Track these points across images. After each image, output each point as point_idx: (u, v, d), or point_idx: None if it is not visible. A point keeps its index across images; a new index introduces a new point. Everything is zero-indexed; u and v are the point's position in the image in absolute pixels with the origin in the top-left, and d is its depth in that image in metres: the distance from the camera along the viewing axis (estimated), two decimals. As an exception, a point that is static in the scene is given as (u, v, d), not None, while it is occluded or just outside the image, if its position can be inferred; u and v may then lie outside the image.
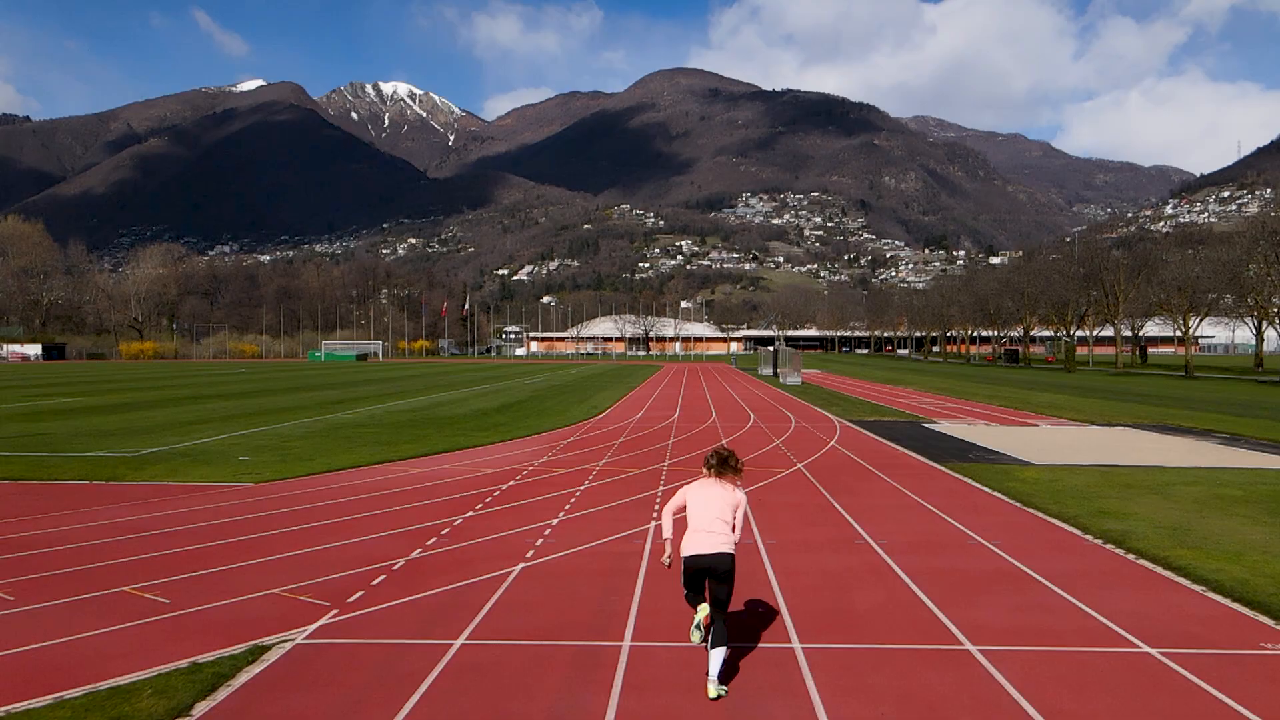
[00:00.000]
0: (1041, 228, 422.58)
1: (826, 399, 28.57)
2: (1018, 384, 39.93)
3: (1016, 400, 28.01)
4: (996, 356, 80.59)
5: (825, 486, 10.90)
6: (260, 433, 17.12)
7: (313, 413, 22.02)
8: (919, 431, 18.15)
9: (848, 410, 23.63)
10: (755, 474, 11.93)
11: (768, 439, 16.65)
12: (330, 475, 11.77)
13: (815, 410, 23.86)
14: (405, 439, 16.09)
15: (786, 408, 24.83)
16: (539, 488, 10.81)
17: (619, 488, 10.86)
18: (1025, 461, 13.17)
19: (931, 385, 38.53)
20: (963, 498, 10.07)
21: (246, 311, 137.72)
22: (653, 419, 21.11)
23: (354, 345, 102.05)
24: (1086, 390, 34.38)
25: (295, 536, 8.00)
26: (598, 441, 16.12)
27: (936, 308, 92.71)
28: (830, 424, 19.78)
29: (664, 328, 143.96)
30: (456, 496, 10.18)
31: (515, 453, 14.44)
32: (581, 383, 40.45)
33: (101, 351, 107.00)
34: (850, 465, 12.92)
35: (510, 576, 6.64)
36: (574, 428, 18.84)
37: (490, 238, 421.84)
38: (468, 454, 14.22)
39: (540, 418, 21.09)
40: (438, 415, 21.46)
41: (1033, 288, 61.64)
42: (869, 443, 15.98)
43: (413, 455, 13.87)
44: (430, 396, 29.24)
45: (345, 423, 19.24)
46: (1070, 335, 59.13)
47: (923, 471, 12.23)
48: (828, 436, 17.11)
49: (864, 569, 6.88)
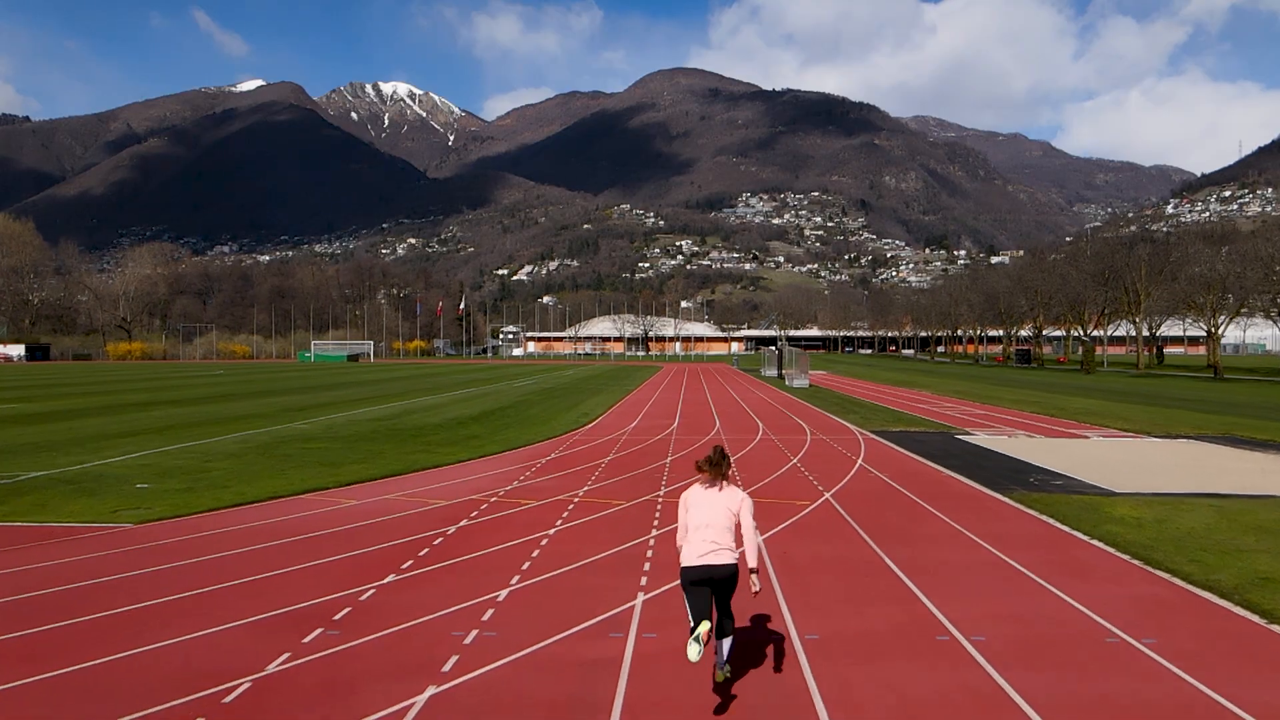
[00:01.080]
0: (1042, 227, 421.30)
1: (840, 404, 26.10)
2: (1039, 386, 37.44)
3: (1048, 406, 25.53)
4: (1007, 357, 78.02)
5: (868, 529, 8.42)
6: (188, 449, 14.64)
7: (265, 422, 19.55)
8: (956, 446, 15.67)
9: (867, 418, 21.16)
10: (775, 510, 9.47)
11: (783, 456, 14.18)
12: (236, 511, 9.31)
13: (830, 418, 21.39)
14: (355, 457, 13.62)
15: (798, 415, 22.37)
16: (496, 532, 8.35)
17: (600, 531, 8.40)
18: (1105, 490, 10.69)
19: (947, 388, 36.06)
20: (1056, 549, 7.59)
21: (239, 311, 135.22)
22: (648, 429, 18.65)
23: (345, 346, 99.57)
24: (1118, 394, 31.89)
25: (118, 625, 5.55)
26: (582, 460, 13.65)
27: (944, 306, 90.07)
28: (851, 436, 17.31)
29: (664, 327, 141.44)
30: (383, 546, 7.71)
31: (481, 476, 11.98)
32: (575, 386, 37.99)
33: (88, 352, 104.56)
34: (891, 495, 10.44)
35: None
36: (558, 441, 16.37)
37: (490, 238, 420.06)
38: (424, 477, 11.76)
39: (521, 428, 18.62)
40: (405, 425, 18.99)
41: (1047, 285, 58.99)
42: (904, 462, 13.50)
43: (356, 480, 11.40)
44: (406, 402, 26.78)
45: (294, 436, 16.77)
46: (1087, 335, 56.57)
47: (985, 505, 9.75)
48: (852, 452, 14.64)
49: (966, 699, 4.41)
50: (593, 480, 11.57)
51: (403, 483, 11.32)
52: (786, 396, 30.38)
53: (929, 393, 33.05)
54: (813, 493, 10.55)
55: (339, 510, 9.41)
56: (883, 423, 20.06)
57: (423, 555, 7.40)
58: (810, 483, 11.35)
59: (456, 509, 9.49)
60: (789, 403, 27.18)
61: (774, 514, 9.16)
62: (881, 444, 15.91)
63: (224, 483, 11.01)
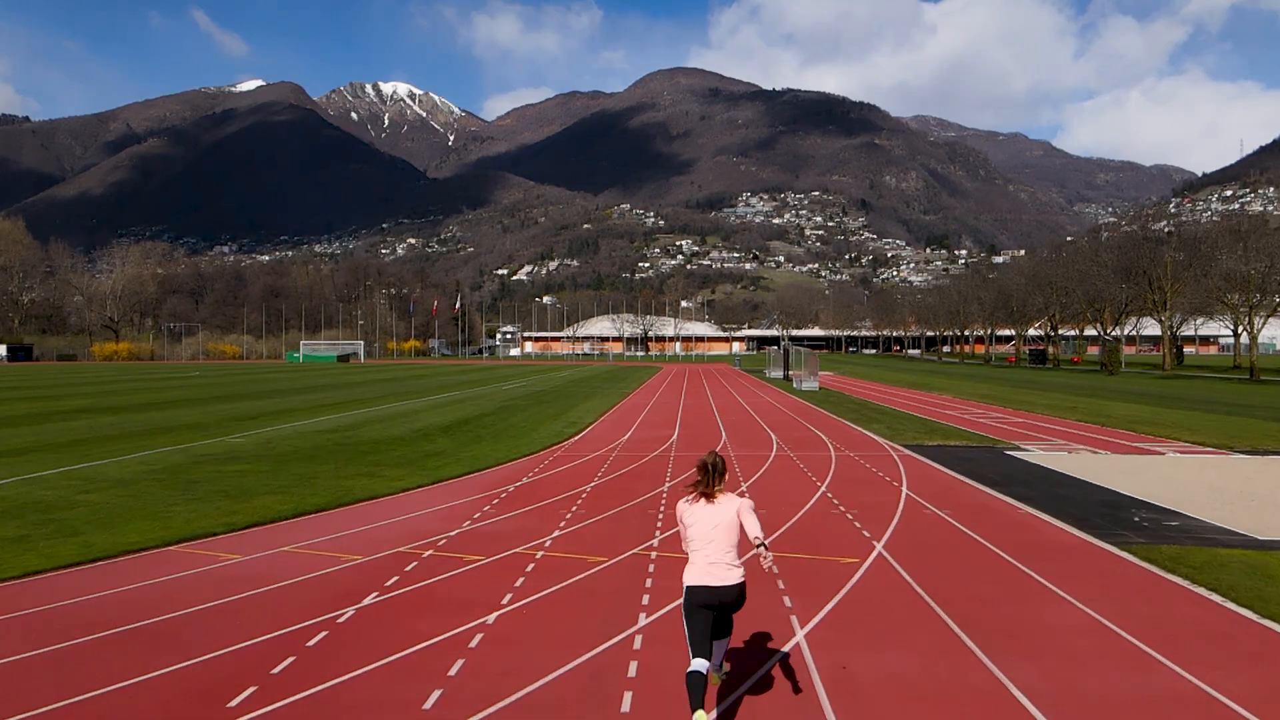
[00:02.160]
0: (1043, 227, 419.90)
1: (858, 411, 23.46)
2: (1066, 389, 34.76)
3: (1089, 412, 22.87)
4: (1019, 357, 75.30)
5: (957, 615, 5.75)
6: (72, 473, 12.00)
7: (196, 435, 16.90)
8: (1013, 466, 13.02)
9: (894, 428, 18.50)
10: (812, 572, 6.84)
11: (806, 482, 11.54)
12: (52, 579, 6.66)
13: (852, 428, 18.75)
14: (275, 485, 10.98)
15: (814, 424, 19.73)
16: (412, 616, 5.71)
17: (565, 614, 5.76)
18: (1245, 535, 8.04)
19: (967, 390, 33.40)
20: (1255, 658, 4.95)
21: (231, 311, 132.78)
22: (644, 443, 16.01)
23: (334, 346, 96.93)
24: (1158, 398, 29.22)
25: None
26: (560, 487, 11.01)
27: (952, 305, 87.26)
28: (882, 452, 14.67)
29: (663, 327, 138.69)
30: (228, 652, 5.06)
31: (426, 512, 9.35)
32: (567, 388, 35.34)
33: (73, 353, 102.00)
34: (966, 547, 7.77)
35: None
36: (535, 459, 13.74)
37: (490, 238, 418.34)
38: (351, 515, 9.13)
39: (495, 442, 15.98)
40: (359, 439, 16.33)
41: (1065, 281, 56.14)
42: (959, 490, 10.84)
43: (259, 520, 8.77)
44: (376, 408, 24.13)
45: (216, 454, 14.10)
46: (1106, 333, 53.83)
47: (1104, 567, 7.08)
48: (890, 475, 12.00)
49: None
50: (568, 519, 8.93)
51: (320, 524, 8.68)
52: (796, 401, 27.75)
53: (949, 396, 30.42)
54: (858, 542, 7.90)
55: (208, 573, 6.77)
56: (914, 434, 17.41)
57: (281, 670, 4.75)
58: (850, 524, 8.70)
59: (372, 571, 6.86)
60: (801, 409, 24.54)
61: (811, 581, 6.53)
62: (922, 463, 13.26)
63: (76, 528, 8.36)
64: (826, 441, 16.26)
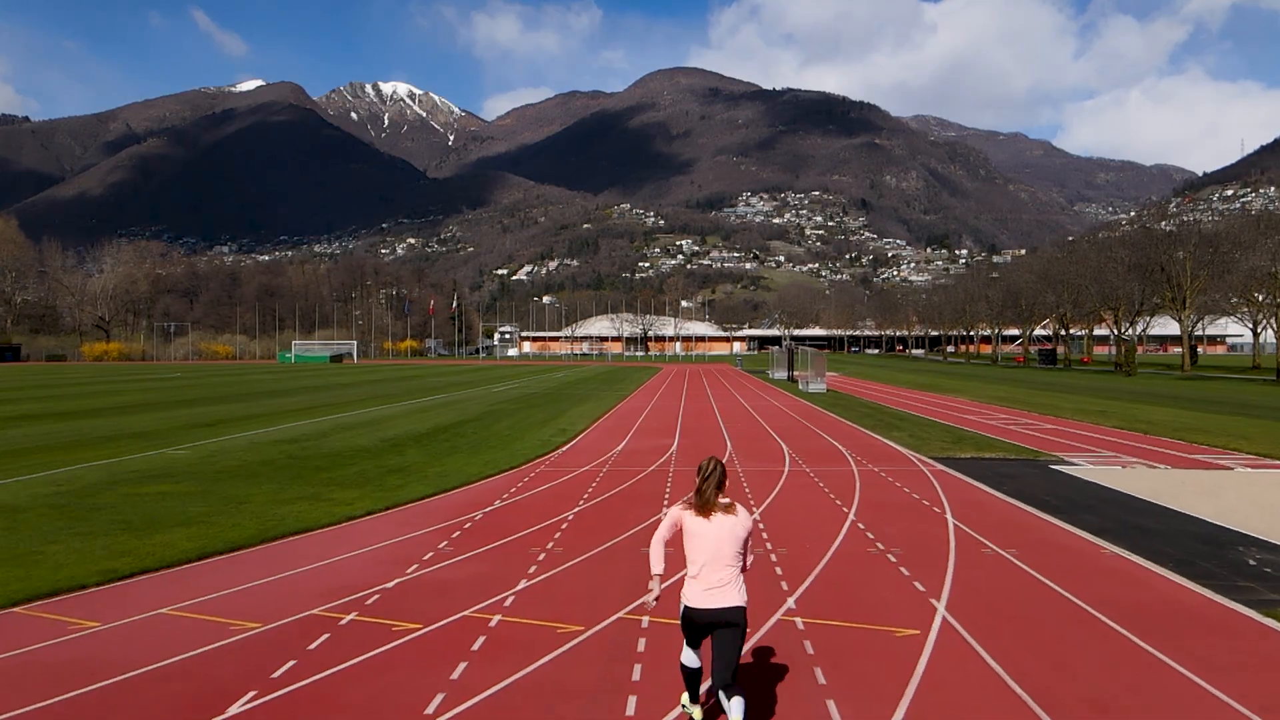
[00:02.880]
0: (1043, 227, 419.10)
1: (873, 416, 21.65)
2: (1088, 391, 32.93)
3: (1126, 418, 21.06)
4: (1028, 356, 73.41)
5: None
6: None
7: (135, 447, 15.10)
8: (1071, 486, 11.21)
9: (918, 437, 16.69)
10: (859, 647, 5.01)
11: (830, 507, 9.73)
12: None
13: (871, 437, 16.94)
14: (191, 513, 9.17)
15: (827, 431, 17.92)
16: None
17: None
18: None
19: (982, 393, 31.58)
20: None
21: (226, 311, 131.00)
22: (640, 454, 14.21)
23: (327, 346, 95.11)
24: (1191, 401, 27.40)
25: None
26: (535, 514, 9.21)
27: (958, 304, 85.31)
28: (910, 466, 12.87)
29: (663, 326, 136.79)
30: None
31: (365, 551, 7.56)
32: (561, 391, 33.54)
33: (62, 353, 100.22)
34: (1055, 611, 5.93)
35: None
36: (514, 475, 11.95)
37: (490, 238, 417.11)
38: (270, 556, 7.34)
39: (472, 454, 14.18)
40: (318, 450, 14.52)
41: (1078, 279, 54.21)
42: (1018, 521, 9.03)
43: (151, 566, 6.96)
44: (349, 414, 22.33)
45: (141, 472, 12.28)
46: (1121, 333, 51.97)
47: (1254, 644, 5.27)
48: (927, 498, 10.20)
49: None
50: (540, 562, 7.13)
51: (226, 570, 6.88)
52: (804, 404, 25.95)
53: (964, 399, 28.63)
54: (912, 601, 6.08)
55: (34, 655, 4.96)
56: (941, 444, 15.60)
57: None
58: (895, 571, 6.89)
59: (263, 650, 5.06)
60: (810, 413, 22.73)
61: (864, 666, 4.71)
62: (960, 481, 11.46)
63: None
64: (845, 453, 14.45)
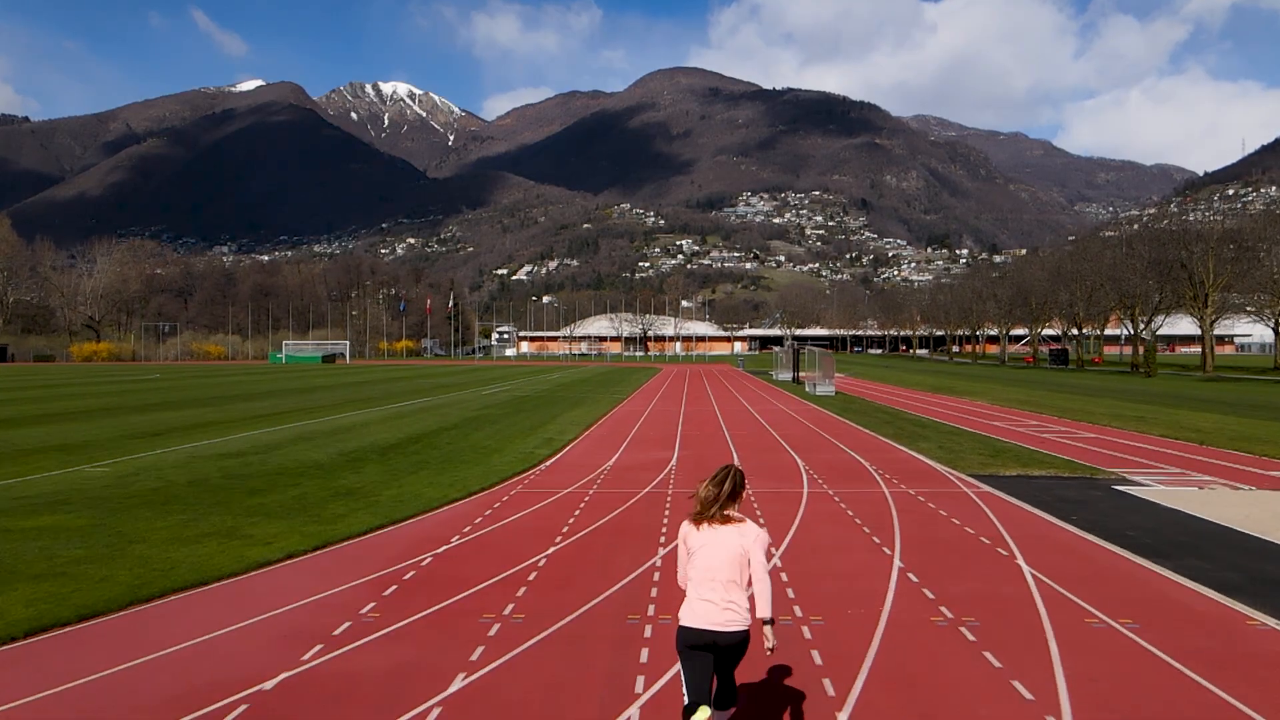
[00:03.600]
0: (1044, 226, 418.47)
1: (892, 423, 19.73)
2: (1115, 394, 31.01)
3: (1167, 424, 19.15)
4: (1037, 357, 71.44)
5: None
6: None
7: (49, 463, 13.16)
8: (1154, 516, 9.27)
9: (950, 449, 14.77)
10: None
11: (866, 546, 7.80)
12: None
13: (894, 448, 15.03)
14: (58, 562, 7.22)
15: (845, 441, 16.01)
16: None
17: None
18: None
19: (1000, 396, 29.67)
20: None
21: (220, 310, 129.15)
22: (634, 471, 12.31)
23: (319, 346, 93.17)
24: (1233, 406, 25.46)
25: None
26: (500, 557, 7.29)
27: (965, 303, 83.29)
28: (950, 486, 10.97)
29: (663, 326, 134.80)
30: None
31: (262, 618, 5.65)
32: (554, 394, 31.62)
33: (51, 354, 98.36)
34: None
35: None
36: (484, 498, 10.05)
37: (490, 237, 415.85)
38: (129, 628, 5.44)
39: (440, 470, 12.27)
40: (261, 467, 12.60)
41: (1093, 276, 52.21)
42: (1114, 569, 7.09)
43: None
44: (316, 421, 20.41)
45: (32, 498, 10.31)
46: (1139, 332, 50.02)
47: None
48: (985, 533, 8.28)
49: None
50: (488, 643, 5.21)
51: (59, 653, 4.97)
52: (814, 409, 24.03)
53: (983, 402, 26.74)
54: (1017, 715, 4.18)
55: None
56: (977, 457, 13.68)
57: None
58: (979, 657, 4.96)
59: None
60: (822, 420, 20.81)
61: None
62: (1017, 509, 9.55)
63: None
64: (871, 470, 12.54)
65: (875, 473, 12.26)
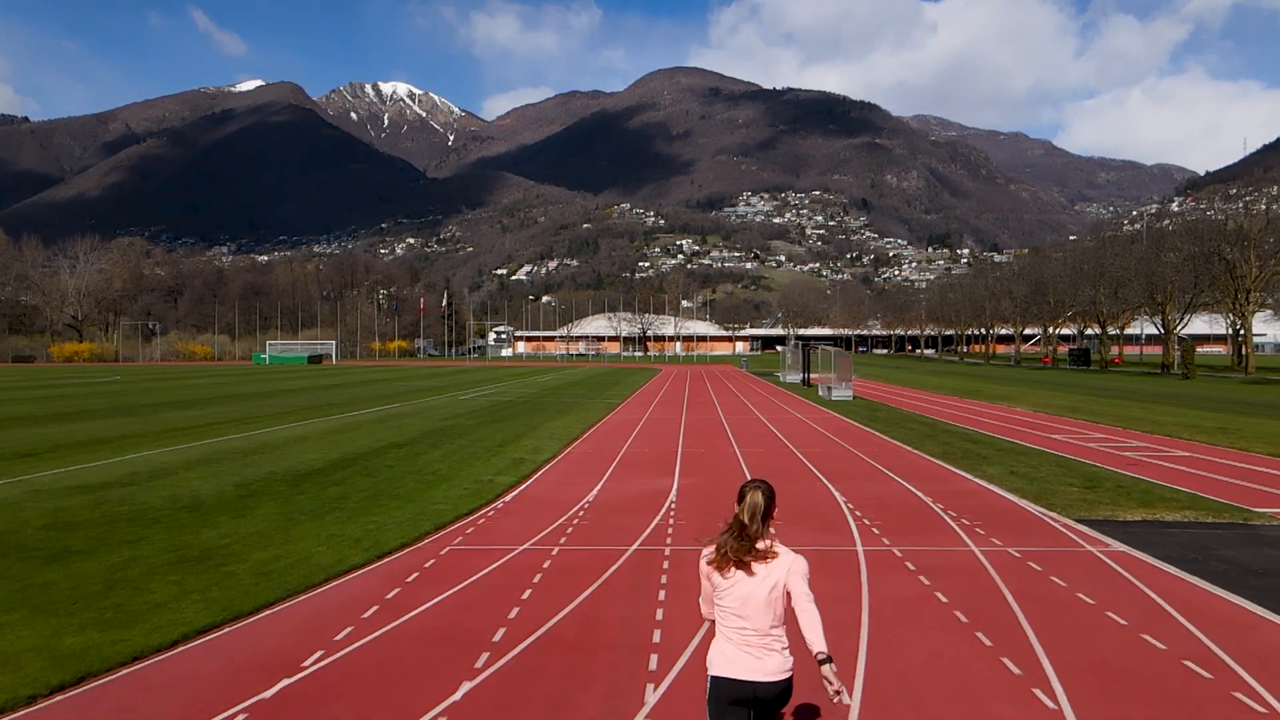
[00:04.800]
0: (1044, 226, 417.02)
1: (934, 436, 16.50)
2: (1162, 398, 27.77)
3: (1265, 438, 15.95)
4: (1057, 357, 68.13)
5: None
6: None
7: None
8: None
9: (1029, 478, 11.54)
10: None
11: (995, 678, 4.52)
12: None
13: (954, 473, 11.79)
14: None
15: (888, 464, 12.77)
16: None
17: None
18: None
19: (1043, 401, 26.41)
20: None
21: (209, 310, 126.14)
22: (619, 514, 9.04)
23: (305, 346, 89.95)
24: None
25: None
26: (378, 699, 4.06)
27: (978, 300, 79.98)
28: (1066, 543, 7.72)
29: (663, 326, 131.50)
30: None
31: None
32: (541, 400, 28.39)
33: (31, 354, 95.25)
34: None
35: None
36: (395, 565, 6.80)
37: (489, 237, 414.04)
38: None
39: (357, 513, 9.01)
40: (113, 511, 9.32)
41: (1121, 271, 48.83)
42: None
43: None
44: (245, 435, 17.19)
45: None
46: (1171, 331, 46.78)
47: None
48: (1169, 638, 5.03)
49: None
50: None
51: None
52: (836, 418, 20.80)
53: (1024, 409, 23.53)
54: None
55: None
56: (1072, 490, 10.45)
57: None
58: None
59: None
60: (850, 432, 17.57)
61: None
62: (1192, 588, 6.31)
63: None
64: (938, 511, 9.29)
65: (946, 515, 9.03)
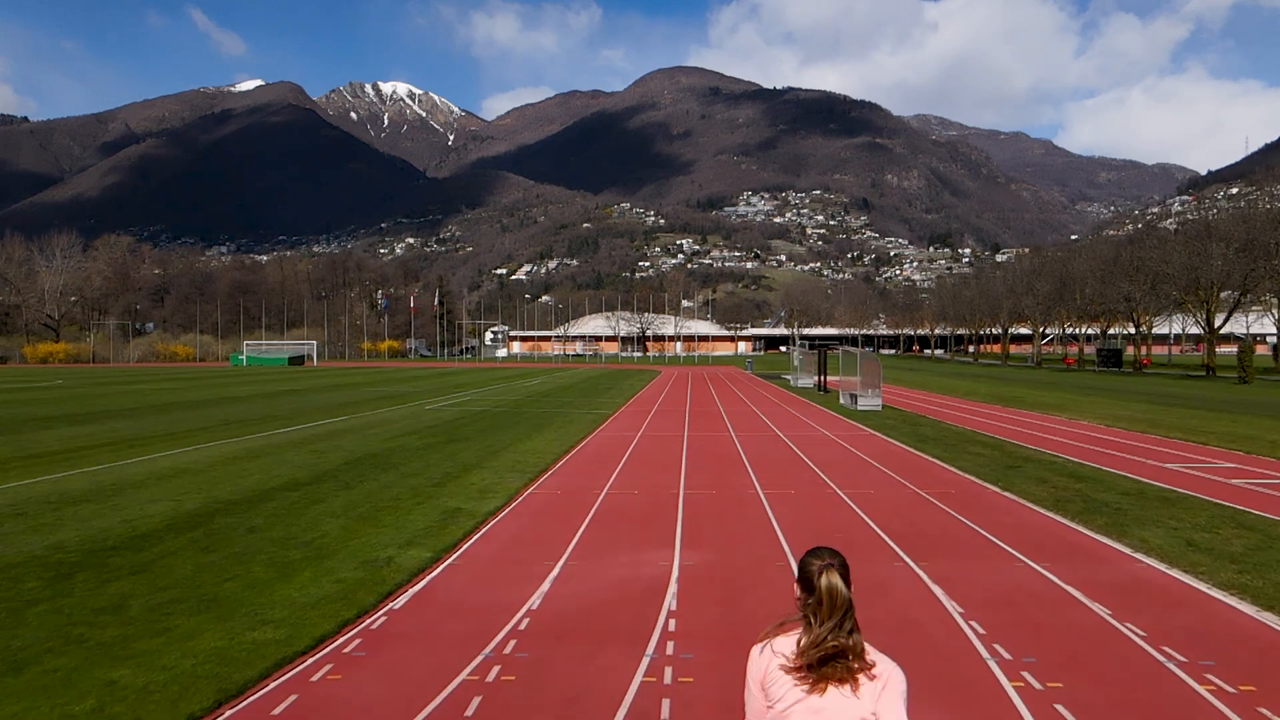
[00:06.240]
0: (1045, 226, 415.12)
1: (1018, 467, 12.64)
2: (1229, 406, 23.90)
3: None
4: (1083, 358, 64.24)
5: None
6: None
7: None
8: None
9: (1229, 555, 7.70)
10: None
11: None
12: None
13: (1095, 541, 7.91)
14: None
15: (996, 530, 8.90)
16: None
17: None
18: None
19: (1099, 411, 22.48)
20: None
21: (195, 309, 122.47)
22: (582, 639, 5.15)
23: (286, 347, 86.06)
24: None
25: None
26: None
27: (996, 299, 76.08)
28: None
29: (663, 325, 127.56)
30: None
31: None
32: (518, 410, 24.51)
33: (5, 355, 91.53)
34: None
35: None
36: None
37: (489, 237, 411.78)
38: None
39: (129, 641, 5.18)
40: None
41: (1161, 265, 44.88)
42: None
43: None
44: (101, 468, 13.37)
45: None
46: (1213, 330, 43.00)
47: None
48: None
49: None
50: None
51: None
52: (875, 438, 16.91)
53: (1088, 422, 19.64)
54: None
55: None
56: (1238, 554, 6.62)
57: None
58: None
59: None
60: (902, 461, 13.70)
61: None
62: None
63: None
64: (1142, 644, 5.43)
65: (1141, 639, 5.16)
